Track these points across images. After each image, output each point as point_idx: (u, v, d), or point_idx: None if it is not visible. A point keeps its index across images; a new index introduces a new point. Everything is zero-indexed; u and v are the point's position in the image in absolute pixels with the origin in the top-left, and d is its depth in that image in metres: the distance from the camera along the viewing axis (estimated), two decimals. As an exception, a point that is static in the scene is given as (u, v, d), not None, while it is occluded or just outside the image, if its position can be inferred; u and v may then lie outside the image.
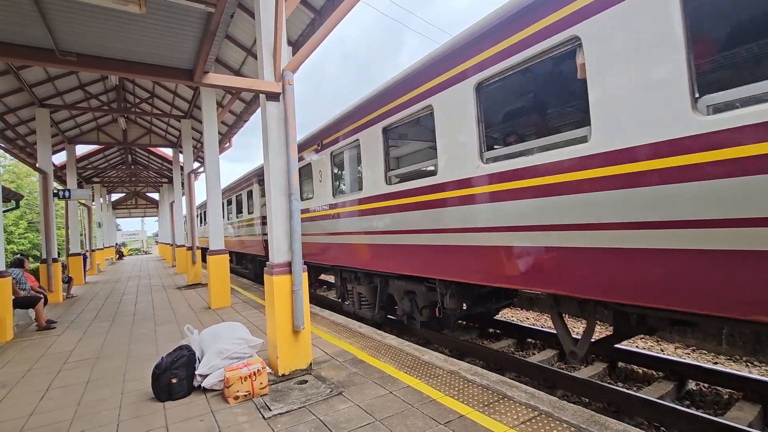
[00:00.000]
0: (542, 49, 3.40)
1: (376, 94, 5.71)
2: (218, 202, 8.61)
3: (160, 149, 17.44)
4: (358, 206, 6.27)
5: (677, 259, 2.62)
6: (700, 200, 2.47)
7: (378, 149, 5.67)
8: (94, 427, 3.20)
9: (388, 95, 5.45)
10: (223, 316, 7.10)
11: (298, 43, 6.23)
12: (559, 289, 3.43)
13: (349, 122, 6.50)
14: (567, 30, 3.20)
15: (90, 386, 4.13)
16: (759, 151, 2.23)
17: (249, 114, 10.87)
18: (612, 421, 2.78)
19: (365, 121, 5.99)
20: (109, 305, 9.33)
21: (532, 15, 3.47)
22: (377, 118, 5.69)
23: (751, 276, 2.30)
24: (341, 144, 6.76)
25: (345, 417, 3.07)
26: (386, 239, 5.57)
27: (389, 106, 5.41)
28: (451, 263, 4.50)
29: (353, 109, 6.37)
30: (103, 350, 5.44)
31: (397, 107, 5.25)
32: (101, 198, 23.54)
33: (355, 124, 6.29)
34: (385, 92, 5.54)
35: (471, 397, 3.29)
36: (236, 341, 3.99)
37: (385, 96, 5.54)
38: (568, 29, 3.20)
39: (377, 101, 5.70)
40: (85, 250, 17.08)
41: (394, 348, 4.70)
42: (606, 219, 2.99)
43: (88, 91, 11.00)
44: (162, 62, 3.70)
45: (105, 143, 14.62)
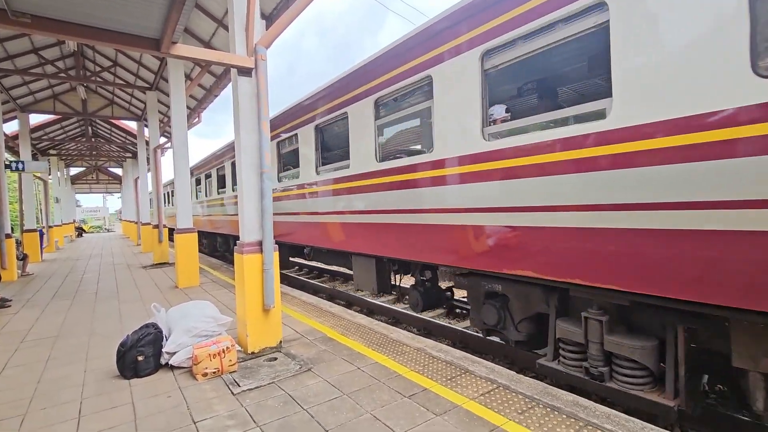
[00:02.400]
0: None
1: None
2: (186, 179, 8.35)
3: (123, 122, 16.61)
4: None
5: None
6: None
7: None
8: (55, 404, 3.15)
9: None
10: (192, 295, 7.00)
11: (272, 17, 6.04)
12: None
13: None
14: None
15: (50, 364, 4.02)
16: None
17: (219, 89, 10.51)
18: (563, 393, 3.00)
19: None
20: (69, 283, 8.98)
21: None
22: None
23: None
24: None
25: (313, 392, 3.16)
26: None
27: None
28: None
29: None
30: (64, 328, 5.28)
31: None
32: (59, 172, 22.27)
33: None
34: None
35: (435, 372, 3.45)
36: (205, 319, 3.97)
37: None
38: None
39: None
40: (41, 226, 16.22)
41: (363, 327, 4.81)
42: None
43: (43, 56, 10.27)
44: (127, 30, 3.51)
45: (62, 113, 13.77)
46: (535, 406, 2.81)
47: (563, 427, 2.54)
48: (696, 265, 2.49)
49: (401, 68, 4.76)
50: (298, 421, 2.72)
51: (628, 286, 2.81)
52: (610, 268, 2.90)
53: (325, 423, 2.69)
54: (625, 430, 2.47)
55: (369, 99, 5.30)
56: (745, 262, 2.30)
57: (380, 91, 5.10)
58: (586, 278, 3.07)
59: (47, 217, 17.80)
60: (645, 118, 2.67)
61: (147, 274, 9.90)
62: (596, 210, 2.94)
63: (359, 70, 5.51)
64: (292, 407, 2.92)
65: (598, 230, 2.94)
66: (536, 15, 3.28)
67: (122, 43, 3.59)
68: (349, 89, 5.76)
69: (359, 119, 5.54)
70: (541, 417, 2.67)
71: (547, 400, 2.87)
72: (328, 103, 6.29)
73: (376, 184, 5.28)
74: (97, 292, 7.80)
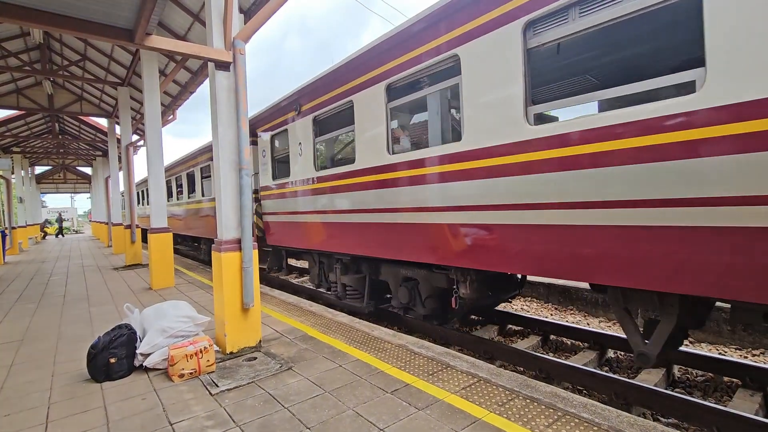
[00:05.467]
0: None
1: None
2: (161, 178, 8.11)
3: (92, 119, 15.98)
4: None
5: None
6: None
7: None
8: (21, 410, 3.00)
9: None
10: (167, 296, 6.79)
11: (251, 11, 5.94)
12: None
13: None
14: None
15: (15, 370, 3.82)
16: None
17: (195, 85, 10.25)
18: (542, 385, 3.06)
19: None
20: (35, 286, 8.57)
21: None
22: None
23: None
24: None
25: (294, 390, 3.12)
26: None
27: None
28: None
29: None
30: (29, 333, 5.03)
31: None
32: (23, 170, 21.21)
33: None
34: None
35: (417, 367, 3.46)
36: (181, 319, 3.86)
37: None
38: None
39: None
40: (4, 228, 15.42)
41: (344, 325, 4.79)
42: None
43: (5, 48, 9.77)
44: (98, 18, 3.37)
45: (27, 108, 13.13)
46: (515, 398, 2.86)
47: (542, 417, 2.59)
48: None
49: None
50: (279, 420, 2.68)
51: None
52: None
53: (306, 421, 2.65)
54: (601, 418, 2.54)
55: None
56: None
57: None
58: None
59: (10, 218, 16.93)
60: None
61: (119, 275, 9.55)
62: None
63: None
64: (273, 406, 2.87)
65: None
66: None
67: (93, 32, 3.45)
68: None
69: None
70: (521, 408, 2.72)
71: (527, 392, 2.93)
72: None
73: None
74: (66, 295, 7.47)
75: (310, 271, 7.42)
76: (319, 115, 6.13)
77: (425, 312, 5.16)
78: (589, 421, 2.51)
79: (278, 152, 7.55)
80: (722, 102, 2.33)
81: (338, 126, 6.03)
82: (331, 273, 6.63)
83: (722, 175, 2.35)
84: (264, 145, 7.95)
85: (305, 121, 6.42)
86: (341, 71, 5.62)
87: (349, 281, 6.12)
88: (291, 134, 6.87)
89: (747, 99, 2.24)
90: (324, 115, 6.07)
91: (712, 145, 2.38)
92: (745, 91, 2.25)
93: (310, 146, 6.36)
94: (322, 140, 6.38)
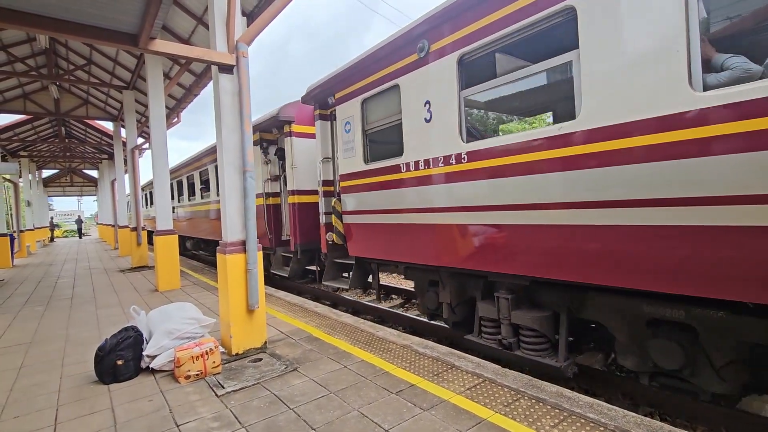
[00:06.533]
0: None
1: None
2: (166, 180, 8.18)
3: (98, 122, 16.09)
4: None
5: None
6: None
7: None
8: (30, 412, 3.03)
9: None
10: (173, 298, 6.84)
11: (253, 14, 5.96)
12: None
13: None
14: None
15: (24, 372, 3.87)
16: None
17: (200, 88, 10.31)
18: (547, 385, 3.05)
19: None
20: (43, 289, 8.66)
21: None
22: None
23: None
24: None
25: (300, 391, 3.13)
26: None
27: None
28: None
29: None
30: (38, 335, 5.08)
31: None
32: (30, 174, 21.43)
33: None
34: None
35: (422, 368, 3.46)
36: (187, 321, 3.89)
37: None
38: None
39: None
40: (12, 231, 15.59)
41: (349, 326, 4.79)
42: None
43: (12, 54, 9.88)
44: (103, 24, 3.41)
45: (33, 113, 13.27)
46: (521, 398, 2.85)
47: (548, 418, 2.58)
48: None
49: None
50: (285, 421, 2.69)
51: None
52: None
53: (312, 422, 2.66)
54: (607, 418, 2.53)
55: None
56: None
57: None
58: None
59: (18, 221, 17.11)
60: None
61: (125, 278, 9.63)
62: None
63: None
64: (279, 407, 2.89)
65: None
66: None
67: (98, 38, 3.49)
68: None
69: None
70: (527, 408, 2.71)
71: (532, 392, 2.92)
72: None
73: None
74: (73, 297, 7.54)
75: (423, 299, 5.05)
76: (470, 53, 3.89)
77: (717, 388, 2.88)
78: (595, 421, 2.50)
79: (374, 123, 5.29)
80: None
81: (512, 65, 4.05)
82: (484, 304, 4.14)
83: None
84: (346, 116, 5.70)
85: (441, 66, 4.16)
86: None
87: (526, 320, 3.71)
88: (406, 91, 4.62)
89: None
90: (479, 52, 3.86)
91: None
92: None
93: (450, 105, 4.08)
94: (474, 94, 4.10)
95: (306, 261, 7.93)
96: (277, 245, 8.35)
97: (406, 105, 4.65)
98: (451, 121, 4.09)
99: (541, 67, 3.39)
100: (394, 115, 4.89)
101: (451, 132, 4.09)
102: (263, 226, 8.24)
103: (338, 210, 6.07)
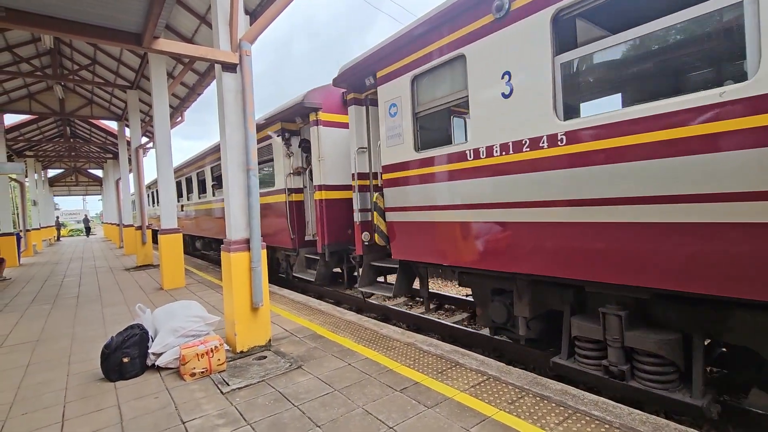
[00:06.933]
0: None
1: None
2: (170, 179, 8.21)
3: (103, 122, 16.19)
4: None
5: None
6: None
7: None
8: (37, 409, 3.06)
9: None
10: (178, 296, 6.88)
11: (256, 13, 5.96)
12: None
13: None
14: None
15: (31, 369, 3.91)
16: None
17: (203, 87, 10.33)
18: (552, 382, 3.04)
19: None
20: (49, 287, 8.73)
21: None
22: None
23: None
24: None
25: (304, 388, 3.14)
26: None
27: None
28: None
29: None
30: (44, 333, 5.13)
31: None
32: (36, 174, 21.59)
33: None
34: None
35: (426, 365, 3.46)
36: (192, 319, 3.91)
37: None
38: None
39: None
40: (19, 230, 15.73)
41: (353, 323, 4.80)
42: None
43: (18, 54, 9.94)
44: (106, 23, 3.42)
45: (39, 113, 13.37)
46: (525, 396, 2.85)
47: (553, 415, 2.58)
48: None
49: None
50: (290, 418, 2.70)
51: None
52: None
53: (316, 419, 2.67)
54: (612, 415, 2.52)
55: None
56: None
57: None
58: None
59: (24, 221, 17.26)
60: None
61: (131, 276, 9.68)
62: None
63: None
64: (283, 404, 2.90)
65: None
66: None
67: (102, 37, 3.50)
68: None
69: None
70: (531, 406, 2.71)
71: (537, 390, 2.91)
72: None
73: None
74: (79, 295, 7.60)
75: (487, 310, 4.27)
76: (570, 7, 3.11)
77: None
78: (600, 419, 2.50)
79: (428, 104, 4.51)
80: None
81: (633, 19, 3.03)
82: (581, 321, 3.37)
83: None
84: (391, 97, 4.89)
85: (527, 26, 3.37)
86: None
87: (648, 344, 2.95)
88: (475, 62, 3.83)
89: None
90: (584, 4, 3.04)
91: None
92: None
93: (541, 74, 3.27)
94: (576, 59, 3.40)
95: (333, 263, 7.23)
96: (300, 246, 7.63)
97: (474, 79, 3.86)
98: (542, 94, 3.28)
99: (694, 13, 2.51)
100: (457, 93, 4.13)
101: (542, 108, 3.29)
102: (285, 224, 7.61)
103: (380, 206, 5.36)
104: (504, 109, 3.59)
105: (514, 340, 4.37)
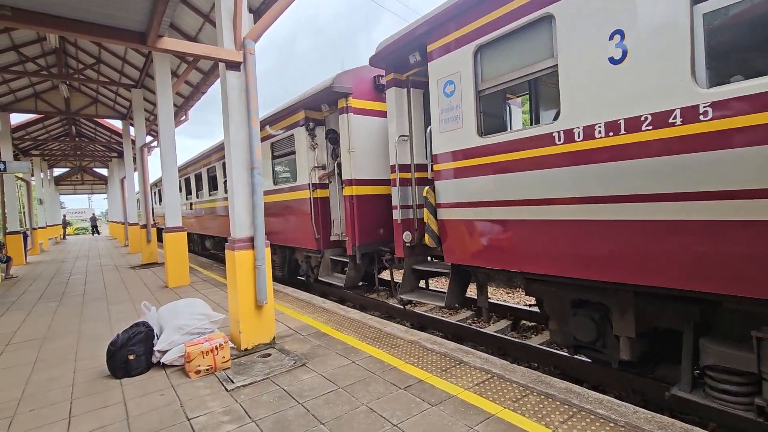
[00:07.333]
0: None
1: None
2: (175, 177, 8.24)
3: (108, 121, 16.28)
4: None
5: None
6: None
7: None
8: (45, 405, 3.09)
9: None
10: (182, 294, 6.92)
11: (260, 11, 5.96)
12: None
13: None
14: None
15: (38, 366, 3.94)
16: None
17: (207, 86, 10.37)
18: (557, 381, 3.04)
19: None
20: (56, 285, 8.80)
21: None
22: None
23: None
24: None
25: (308, 386, 3.15)
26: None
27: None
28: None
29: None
30: (51, 330, 5.17)
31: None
32: (42, 173, 21.77)
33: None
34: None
35: (430, 363, 3.46)
36: (197, 316, 3.93)
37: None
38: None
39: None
40: (25, 229, 15.87)
41: (357, 321, 4.81)
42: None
43: (23, 54, 10.00)
44: (111, 22, 3.44)
45: (44, 112, 13.47)
46: (529, 394, 2.84)
47: (557, 414, 2.57)
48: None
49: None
50: (294, 415, 2.71)
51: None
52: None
53: (321, 416, 2.68)
54: (617, 414, 2.51)
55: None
56: None
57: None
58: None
59: (31, 219, 17.41)
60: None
61: (136, 274, 9.75)
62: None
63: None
64: (288, 402, 2.91)
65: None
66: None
67: (107, 36, 3.52)
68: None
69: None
70: (536, 404, 2.70)
71: (541, 388, 2.91)
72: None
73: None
74: (85, 293, 7.66)
75: (568, 326, 3.66)
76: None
77: None
78: (605, 417, 2.49)
79: (498, 80, 3.81)
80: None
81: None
82: (717, 347, 2.71)
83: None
84: (447, 74, 4.23)
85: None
86: None
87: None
88: (569, 22, 3.13)
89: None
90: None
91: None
92: None
93: (673, 29, 2.58)
94: (728, 5, 2.48)
95: (364, 266, 6.57)
96: (325, 247, 6.98)
97: (567, 44, 3.15)
98: (674, 55, 2.58)
99: None
100: (538, 64, 3.43)
101: (673, 73, 2.59)
102: (308, 223, 6.88)
103: (431, 202, 4.64)
104: (613, 78, 2.90)
105: (599, 362, 3.67)
